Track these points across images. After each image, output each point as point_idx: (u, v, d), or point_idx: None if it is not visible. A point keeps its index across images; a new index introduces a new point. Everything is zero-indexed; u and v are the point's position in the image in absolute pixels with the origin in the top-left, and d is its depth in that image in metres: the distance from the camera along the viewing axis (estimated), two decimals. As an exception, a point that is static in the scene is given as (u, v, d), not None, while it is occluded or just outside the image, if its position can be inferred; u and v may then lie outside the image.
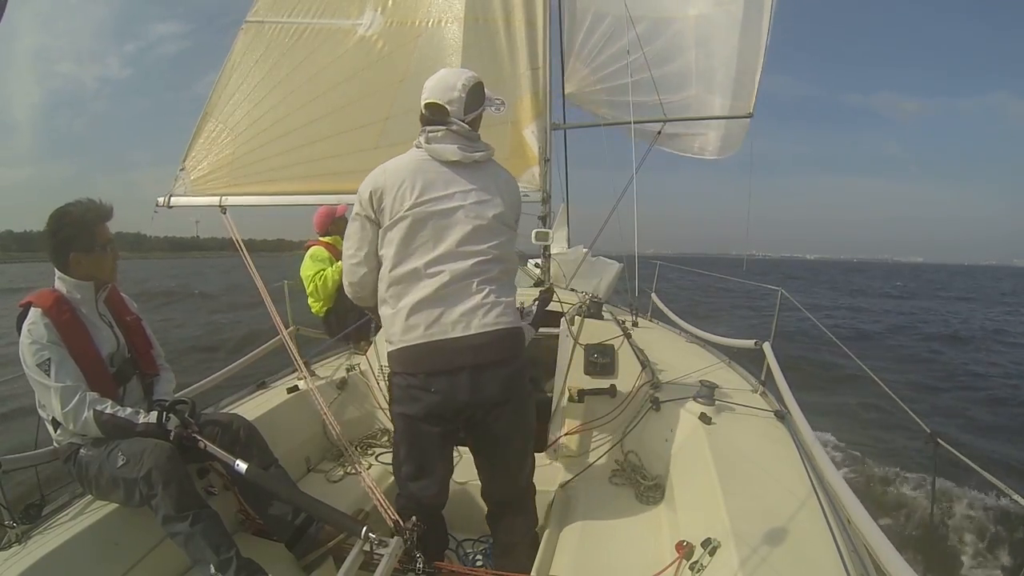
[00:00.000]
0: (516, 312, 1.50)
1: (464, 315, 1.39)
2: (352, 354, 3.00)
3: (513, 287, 1.55)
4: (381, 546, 1.15)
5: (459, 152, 1.45)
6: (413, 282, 1.41)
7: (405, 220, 1.41)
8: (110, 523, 1.48)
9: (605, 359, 2.24)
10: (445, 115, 1.47)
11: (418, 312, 1.40)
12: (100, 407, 1.48)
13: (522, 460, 1.58)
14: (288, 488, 1.57)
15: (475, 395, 1.39)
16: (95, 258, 1.56)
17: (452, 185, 1.45)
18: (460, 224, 1.42)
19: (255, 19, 2.99)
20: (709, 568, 1.22)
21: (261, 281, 2.38)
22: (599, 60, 3.88)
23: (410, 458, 1.51)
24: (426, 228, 1.42)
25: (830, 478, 1.44)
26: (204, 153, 2.92)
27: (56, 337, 1.46)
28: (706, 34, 3.53)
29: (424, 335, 1.39)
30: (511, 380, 1.44)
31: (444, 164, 1.47)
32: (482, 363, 1.39)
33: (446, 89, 1.47)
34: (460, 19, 2.95)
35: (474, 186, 1.47)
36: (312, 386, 2.17)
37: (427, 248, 1.41)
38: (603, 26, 3.79)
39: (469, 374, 1.38)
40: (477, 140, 1.52)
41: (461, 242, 1.41)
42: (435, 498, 1.54)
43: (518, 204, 1.59)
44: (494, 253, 1.45)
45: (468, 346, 1.38)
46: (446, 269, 1.40)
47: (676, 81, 3.65)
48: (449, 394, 1.39)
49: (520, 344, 1.49)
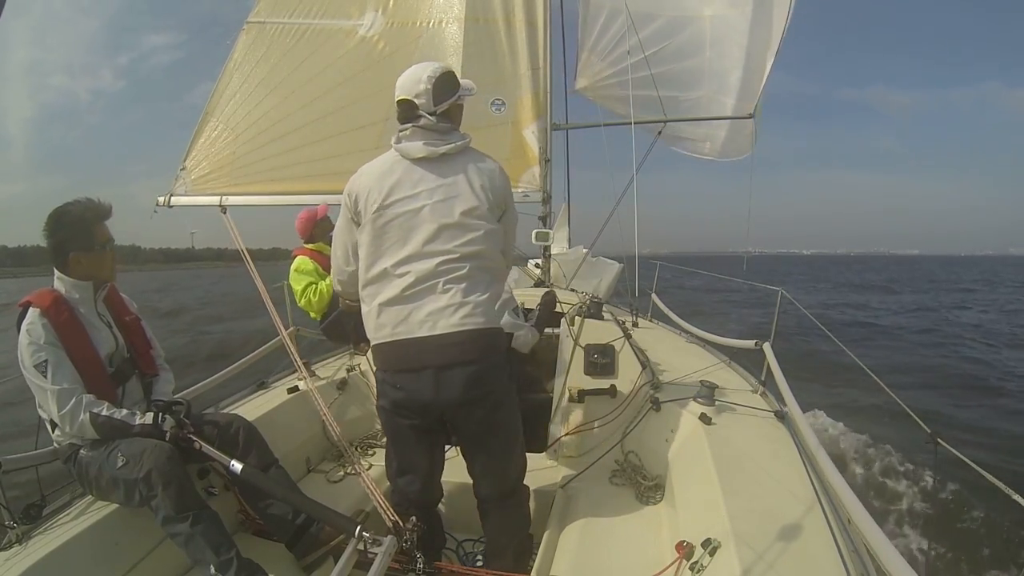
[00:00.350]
0: (490, 311, 1.45)
1: (431, 315, 1.39)
2: (352, 354, 3.00)
3: (492, 283, 1.49)
4: (375, 545, 1.15)
5: (424, 148, 1.44)
6: (383, 282, 1.43)
7: (374, 222, 1.43)
8: (110, 523, 1.48)
9: (605, 359, 2.24)
10: (415, 109, 1.46)
11: (387, 311, 1.42)
12: (96, 409, 1.48)
13: (506, 459, 1.56)
14: (284, 488, 1.58)
15: (439, 394, 1.39)
16: (94, 257, 1.56)
17: (420, 184, 1.44)
18: (426, 224, 1.41)
19: (256, 20, 2.99)
20: (709, 568, 1.22)
21: (261, 282, 2.38)
22: (614, 55, 3.86)
23: (394, 453, 1.57)
24: (393, 229, 1.43)
25: (830, 478, 1.44)
26: (205, 153, 2.93)
27: (54, 337, 1.46)
28: (719, 35, 3.53)
29: (391, 334, 1.42)
30: (478, 379, 1.41)
31: (413, 162, 1.46)
32: (446, 363, 1.38)
33: (413, 83, 1.46)
34: (461, 20, 2.96)
35: (442, 182, 1.44)
36: (312, 386, 2.18)
37: (394, 249, 1.42)
38: (617, 23, 3.77)
39: (433, 373, 1.38)
40: (449, 132, 1.49)
41: (426, 242, 1.41)
42: (421, 494, 1.56)
43: (500, 194, 1.50)
44: (462, 251, 1.42)
45: (434, 346, 1.38)
46: (412, 270, 1.40)
47: (687, 80, 3.64)
48: (414, 392, 1.41)
49: (491, 344, 1.45)
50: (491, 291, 1.47)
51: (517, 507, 1.64)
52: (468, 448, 1.55)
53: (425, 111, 1.45)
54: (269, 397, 2.32)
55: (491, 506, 1.61)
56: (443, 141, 1.46)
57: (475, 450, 1.53)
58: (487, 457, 1.54)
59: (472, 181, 1.46)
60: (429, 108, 1.45)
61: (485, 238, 1.45)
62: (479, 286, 1.44)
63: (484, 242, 1.45)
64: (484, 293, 1.44)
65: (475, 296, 1.42)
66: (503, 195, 1.52)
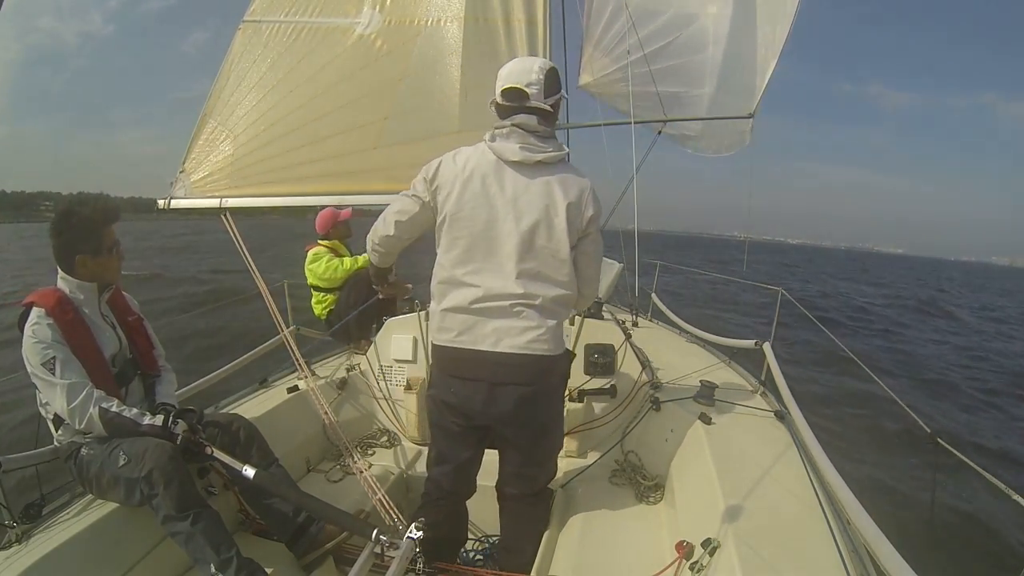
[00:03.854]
0: (556, 337, 1.40)
1: (496, 331, 1.36)
2: (352, 354, 3.00)
3: (562, 309, 1.43)
4: (392, 548, 1.15)
5: (520, 152, 1.35)
6: (454, 287, 1.41)
7: (450, 220, 1.39)
8: (110, 523, 1.47)
9: (605, 359, 2.24)
10: (525, 99, 1.37)
11: (453, 317, 1.40)
12: (106, 405, 1.48)
13: (542, 466, 1.59)
14: (295, 491, 1.57)
15: (489, 408, 1.39)
16: (101, 261, 1.56)
17: (506, 190, 1.36)
18: (504, 236, 1.35)
19: (252, 19, 2.98)
20: (709, 568, 1.22)
21: (262, 280, 2.38)
22: (618, 51, 3.85)
23: (435, 441, 1.58)
24: (470, 234, 1.37)
25: (830, 478, 1.44)
26: (204, 155, 2.91)
27: (59, 337, 1.46)
28: (723, 32, 3.52)
29: (454, 339, 1.40)
30: (531, 401, 1.40)
31: (506, 164, 1.37)
32: (502, 381, 1.37)
33: (524, 72, 1.39)
34: (460, 18, 2.94)
35: (530, 193, 1.35)
36: (312, 386, 2.18)
37: (469, 256, 1.38)
38: (621, 19, 3.76)
39: (487, 387, 1.38)
40: (548, 139, 1.40)
41: (502, 256, 1.36)
42: (452, 484, 1.57)
43: (585, 216, 1.39)
44: (538, 272, 1.36)
45: (492, 361, 1.36)
46: (483, 284, 1.36)
47: (689, 77, 3.64)
48: (465, 400, 1.42)
49: (550, 369, 1.41)
50: (559, 317, 1.43)
51: (539, 505, 1.65)
52: (508, 455, 1.55)
53: (536, 101, 1.38)
54: (269, 396, 2.32)
55: (514, 503, 1.62)
56: (541, 148, 1.37)
57: (514, 456, 1.54)
58: (523, 464, 1.54)
59: (560, 198, 1.36)
60: (540, 99, 1.38)
61: (563, 262, 1.38)
62: (549, 311, 1.39)
63: (561, 266, 1.38)
64: (553, 319, 1.40)
65: (543, 321, 1.38)
66: (589, 217, 1.41)
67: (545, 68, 1.41)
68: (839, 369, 6.59)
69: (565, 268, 1.39)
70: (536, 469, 1.57)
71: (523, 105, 1.38)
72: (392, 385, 2.48)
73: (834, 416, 5.29)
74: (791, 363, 3.83)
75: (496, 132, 1.40)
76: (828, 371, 6.81)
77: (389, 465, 2.22)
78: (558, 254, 1.37)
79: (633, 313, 3.30)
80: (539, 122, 1.38)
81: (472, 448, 1.54)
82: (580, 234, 1.41)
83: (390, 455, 2.31)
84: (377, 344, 2.59)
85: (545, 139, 1.39)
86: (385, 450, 2.33)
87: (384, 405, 2.48)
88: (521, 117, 1.37)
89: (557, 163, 1.40)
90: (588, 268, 1.48)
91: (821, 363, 7.07)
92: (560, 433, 1.61)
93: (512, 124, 1.37)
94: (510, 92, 1.39)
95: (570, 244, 1.38)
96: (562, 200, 1.36)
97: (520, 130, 1.37)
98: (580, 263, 1.45)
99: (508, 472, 1.58)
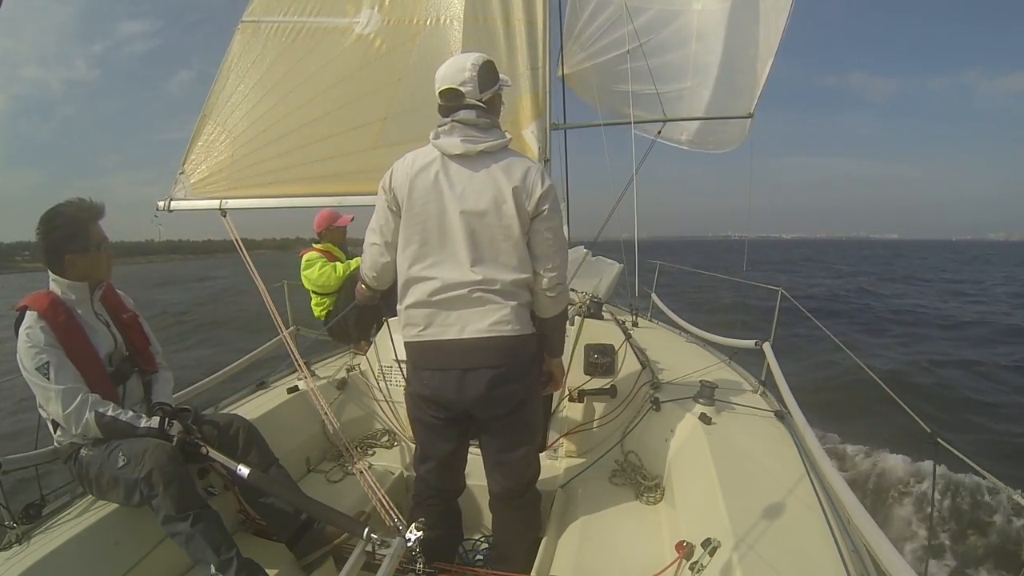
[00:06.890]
0: (520, 317, 1.43)
1: (460, 318, 1.40)
2: (352, 354, 3.00)
3: (523, 289, 1.45)
4: (383, 546, 1.15)
5: (462, 145, 1.39)
6: (413, 283, 1.44)
7: (406, 216, 1.43)
8: (110, 523, 1.48)
9: (605, 359, 2.24)
10: (461, 99, 1.42)
11: (416, 312, 1.44)
12: (101, 409, 1.48)
13: (521, 455, 1.57)
14: (290, 490, 1.58)
15: (462, 393, 1.42)
16: (90, 258, 1.56)
17: (453, 183, 1.40)
18: (455, 227, 1.39)
19: (251, 19, 2.97)
20: (709, 568, 1.22)
21: (261, 281, 2.38)
22: (598, 46, 3.86)
23: (418, 438, 1.60)
24: (423, 229, 1.41)
25: (830, 478, 1.44)
26: (203, 156, 2.91)
27: (53, 340, 1.46)
28: (708, 30, 3.53)
29: (421, 334, 1.44)
30: (503, 379, 1.41)
31: (451, 159, 1.42)
32: (472, 366, 1.40)
33: (457, 71, 1.43)
34: (459, 18, 2.94)
35: (475, 182, 1.39)
36: (312, 386, 2.18)
37: (425, 250, 1.42)
38: (607, 13, 3.77)
39: (458, 374, 1.41)
40: (490, 129, 1.43)
41: (455, 246, 1.40)
42: (439, 480, 1.59)
43: (535, 195, 1.41)
44: (493, 256, 1.41)
45: (460, 349, 1.40)
46: (439, 276, 1.40)
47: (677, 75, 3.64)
48: (439, 390, 1.44)
49: (518, 349, 1.44)
50: (521, 299, 1.45)
51: (528, 507, 1.65)
52: (487, 441, 1.56)
53: (472, 98, 1.42)
54: (269, 397, 2.32)
55: (503, 504, 1.63)
56: (482, 138, 1.41)
57: (493, 443, 1.55)
58: (504, 451, 1.55)
59: (505, 183, 1.39)
60: (476, 96, 1.42)
61: (515, 244, 1.41)
62: (509, 293, 1.42)
63: (514, 249, 1.41)
64: (514, 300, 1.43)
65: (505, 303, 1.41)
66: (538, 196, 1.42)
67: (478, 64, 1.44)
68: (840, 369, 6.59)
69: (519, 251, 1.42)
70: (517, 457, 1.56)
71: (461, 104, 1.42)
72: (392, 385, 2.48)
73: (835, 416, 5.29)
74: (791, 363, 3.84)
75: (439, 130, 1.44)
76: (828, 371, 6.81)
77: (389, 465, 2.22)
78: (510, 237, 1.40)
79: (633, 313, 3.30)
80: (478, 115, 1.42)
81: (453, 441, 1.55)
82: (532, 214, 1.42)
83: (390, 455, 2.31)
84: (377, 344, 2.59)
85: (486, 130, 1.43)
86: (385, 450, 2.34)
87: (384, 405, 2.48)
88: (461, 114, 1.41)
89: (500, 151, 1.44)
90: (548, 248, 1.46)
91: (821, 363, 7.07)
92: (538, 420, 1.61)
93: (453, 120, 1.42)
94: (446, 93, 1.44)
95: (521, 226, 1.41)
96: (507, 184, 1.39)
97: (461, 125, 1.41)
98: (538, 244, 1.45)
99: (490, 463, 1.59)
